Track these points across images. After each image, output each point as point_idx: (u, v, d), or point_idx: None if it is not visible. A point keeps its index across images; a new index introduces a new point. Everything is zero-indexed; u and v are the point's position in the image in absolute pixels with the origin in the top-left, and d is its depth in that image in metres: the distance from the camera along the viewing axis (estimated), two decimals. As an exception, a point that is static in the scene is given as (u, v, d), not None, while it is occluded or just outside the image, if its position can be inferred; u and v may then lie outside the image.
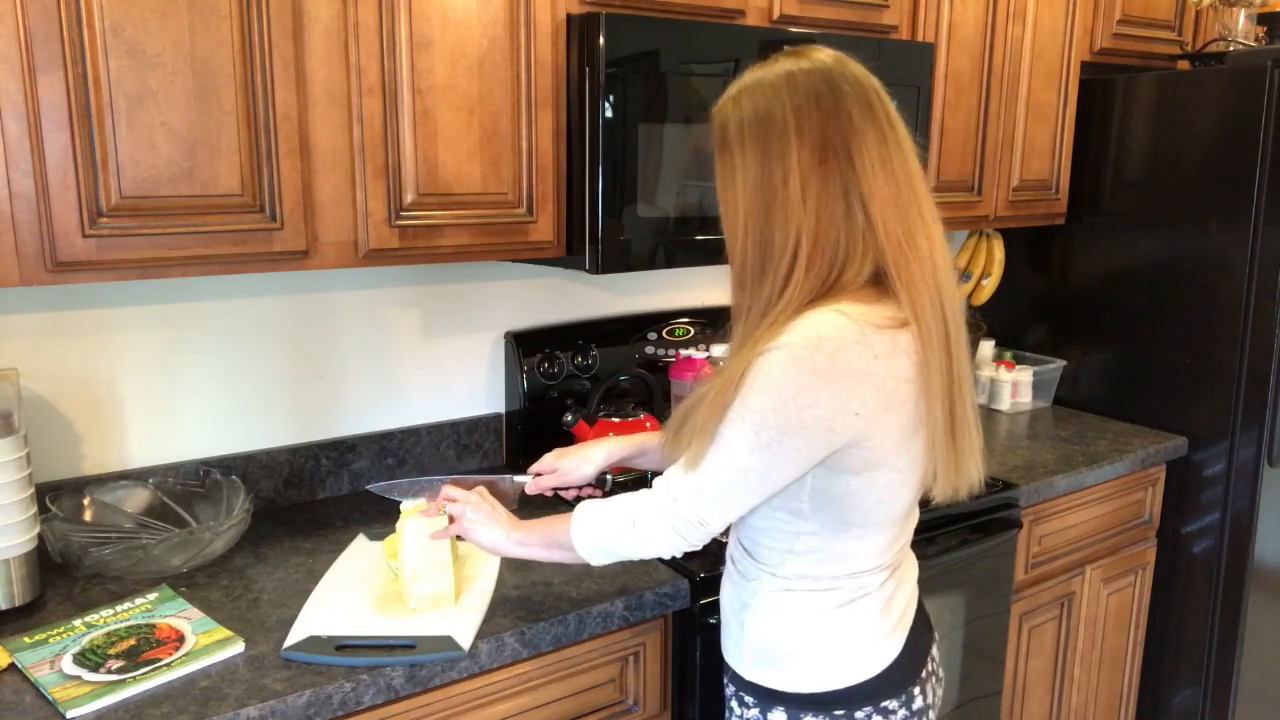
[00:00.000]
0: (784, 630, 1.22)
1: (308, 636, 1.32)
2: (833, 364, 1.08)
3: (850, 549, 1.20)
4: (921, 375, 1.13)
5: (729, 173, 1.17)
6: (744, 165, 1.15)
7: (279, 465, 1.81)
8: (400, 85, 1.48)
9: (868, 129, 1.13)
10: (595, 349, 2.06)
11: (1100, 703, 2.40)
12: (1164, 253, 2.35)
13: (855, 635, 1.22)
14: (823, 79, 1.14)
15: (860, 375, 1.10)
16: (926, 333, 1.13)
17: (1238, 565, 2.30)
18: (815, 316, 1.10)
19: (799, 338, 1.09)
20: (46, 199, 1.26)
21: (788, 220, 1.13)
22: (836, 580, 1.21)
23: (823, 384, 1.09)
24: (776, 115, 1.13)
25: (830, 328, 1.09)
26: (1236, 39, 2.48)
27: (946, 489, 1.21)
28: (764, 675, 1.25)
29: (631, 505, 1.22)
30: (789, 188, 1.12)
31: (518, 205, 1.63)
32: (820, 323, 1.10)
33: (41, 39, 1.22)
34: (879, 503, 1.18)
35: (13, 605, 1.37)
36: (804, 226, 1.12)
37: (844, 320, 1.10)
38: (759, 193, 1.14)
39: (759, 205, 1.14)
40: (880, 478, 1.16)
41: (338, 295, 1.84)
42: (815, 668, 1.22)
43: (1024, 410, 2.54)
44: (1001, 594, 2.03)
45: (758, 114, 1.14)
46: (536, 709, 1.44)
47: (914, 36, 2.07)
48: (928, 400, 1.14)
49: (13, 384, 1.42)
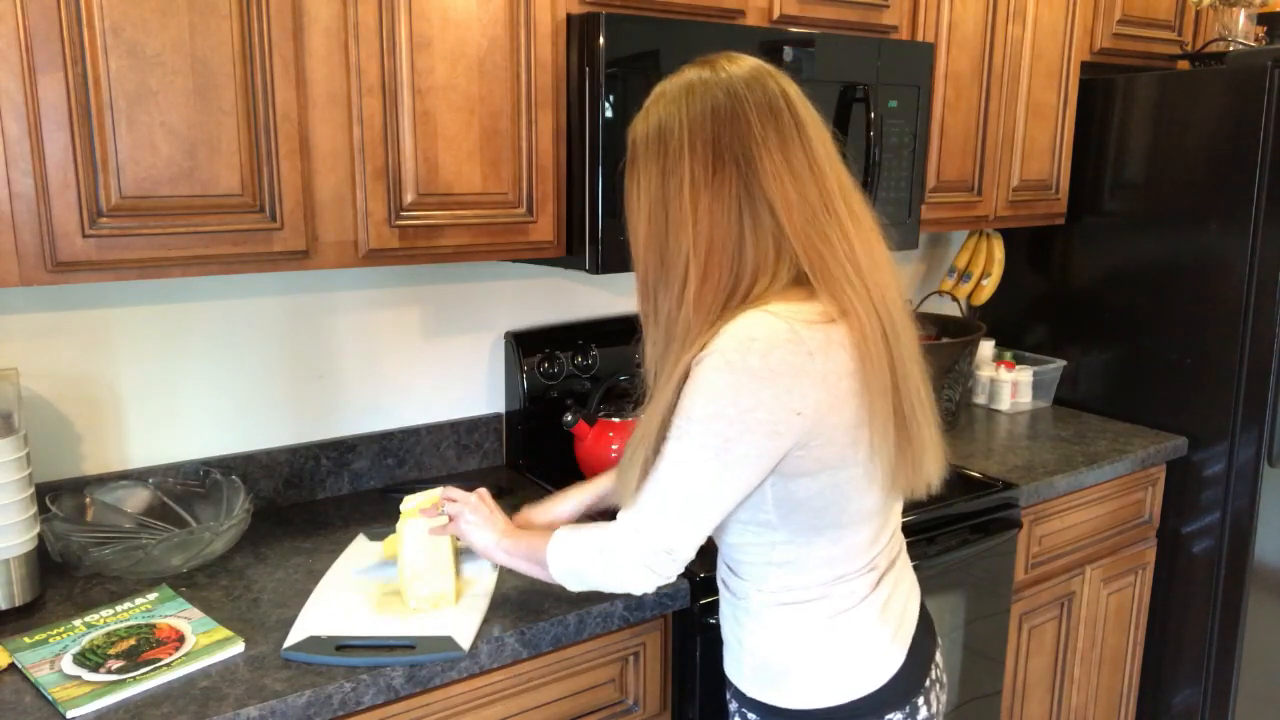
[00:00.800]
0: (780, 646, 1.21)
1: (308, 636, 1.32)
2: (766, 364, 1.07)
3: (828, 552, 1.19)
4: (859, 370, 1.12)
5: (632, 186, 1.19)
6: (645, 178, 1.17)
7: (279, 465, 1.81)
8: (400, 85, 1.48)
9: (769, 133, 1.12)
10: (595, 349, 2.06)
11: (1100, 703, 2.40)
12: (1164, 253, 2.35)
13: (854, 646, 1.21)
14: (723, 87, 1.14)
15: (797, 373, 1.08)
16: (859, 327, 1.11)
17: (1238, 565, 2.30)
18: (743, 319, 1.10)
19: (730, 341, 1.09)
20: (46, 199, 1.26)
21: (681, 230, 1.14)
22: (824, 587, 1.20)
23: (760, 385, 1.08)
24: (673, 127, 1.15)
25: (760, 328, 1.09)
26: (1236, 39, 2.48)
27: (903, 486, 1.20)
28: (764, 692, 1.24)
29: (601, 534, 1.21)
30: (682, 197, 1.13)
31: (518, 205, 1.63)
32: (750, 324, 1.09)
33: (41, 39, 1.22)
34: (845, 500, 1.16)
35: (13, 605, 1.37)
36: (697, 236, 1.13)
37: (772, 319, 1.09)
38: (657, 204, 1.16)
39: (657, 216, 1.16)
40: (841, 475, 1.14)
41: (338, 295, 1.84)
42: (815, 683, 1.21)
43: (1024, 410, 2.54)
44: (1001, 594, 2.03)
45: (660, 126, 1.16)
46: (536, 709, 1.44)
47: (914, 36, 2.07)
48: (869, 396, 1.12)
49: (13, 384, 1.42)
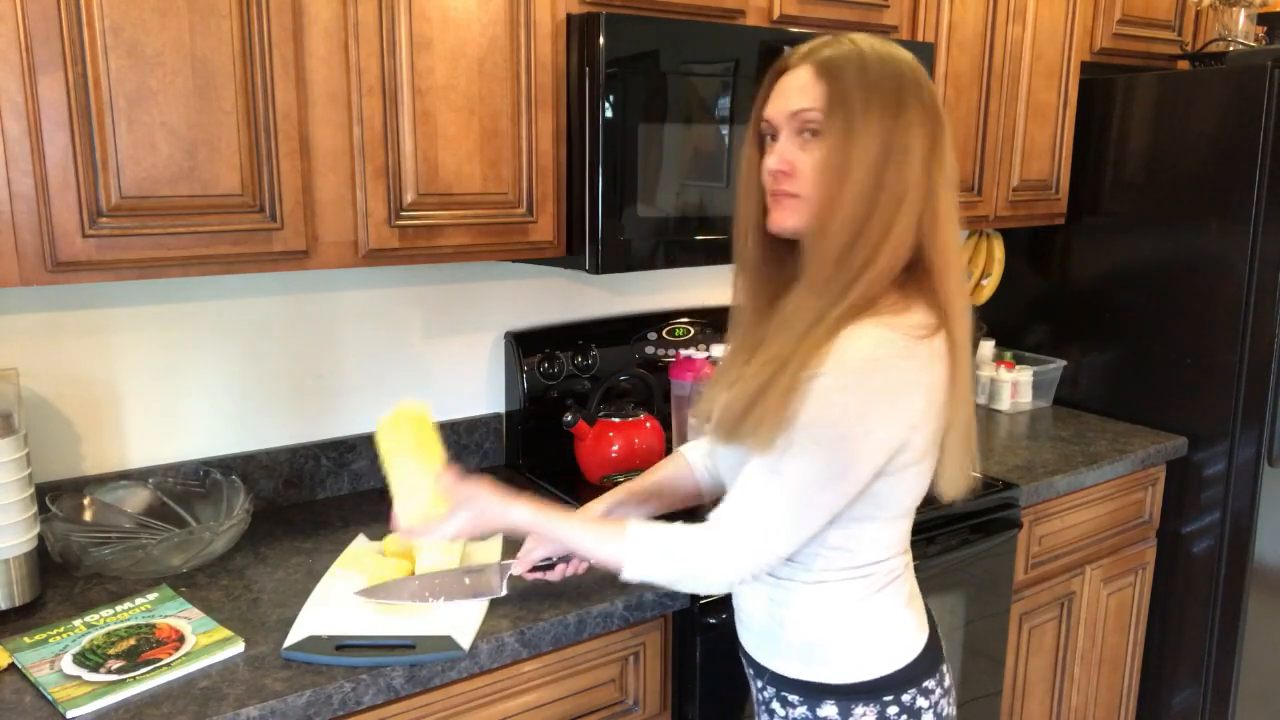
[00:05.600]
0: (826, 623, 1.22)
1: (308, 636, 1.32)
2: (888, 382, 1.09)
3: (877, 538, 1.21)
4: (951, 380, 1.14)
5: (846, 134, 1.10)
6: (864, 124, 1.10)
7: (279, 465, 1.81)
8: (400, 85, 1.48)
9: (946, 121, 1.14)
10: (595, 349, 2.06)
11: (1100, 703, 2.40)
12: (1164, 253, 2.35)
13: (892, 620, 1.24)
14: (918, 63, 1.15)
15: (911, 389, 1.11)
16: (960, 338, 1.14)
17: (1238, 565, 2.30)
18: (861, 333, 1.09)
19: (853, 360, 1.08)
20: (46, 199, 1.26)
21: (896, 200, 1.10)
22: (868, 568, 1.22)
23: (882, 404, 1.09)
24: (904, 86, 1.11)
25: (881, 346, 1.09)
26: (1236, 39, 2.48)
27: (962, 487, 1.23)
28: (810, 670, 1.24)
29: (706, 531, 1.16)
30: (906, 167, 1.10)
31: (518, 205, 1.63)
32: (868, 341, 1.09)
33: (41, 39, 1.22)
34: (905, 494, 1.20)
35: (13, 605, 1.37)
36: (904, 207, 1.10)
37: (891, 335, 1.09)
38: (876, 167, 1.09)
39: (869, 174, 1.09)
40: (909, 473, 1.18)
41: (338, 295, 1.84)
42: (862, 656, 1.22)
43: (1024, 410, 2.54)
44: (1001, 594, 2.03)
45: (895, 77, 1.11)
46: (536, 709, 1.44)
47: (914, 36, 2.07)
48: (955, 405, 1.15)
49: (13, 384, 1.42)
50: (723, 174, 1.76)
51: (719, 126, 1.74)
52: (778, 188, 1.16)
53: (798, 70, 1.15)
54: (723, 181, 1.76)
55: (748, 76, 1.73)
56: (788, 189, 1.15)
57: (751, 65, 1.74)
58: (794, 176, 1.14)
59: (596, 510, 1.43)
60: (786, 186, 1.15)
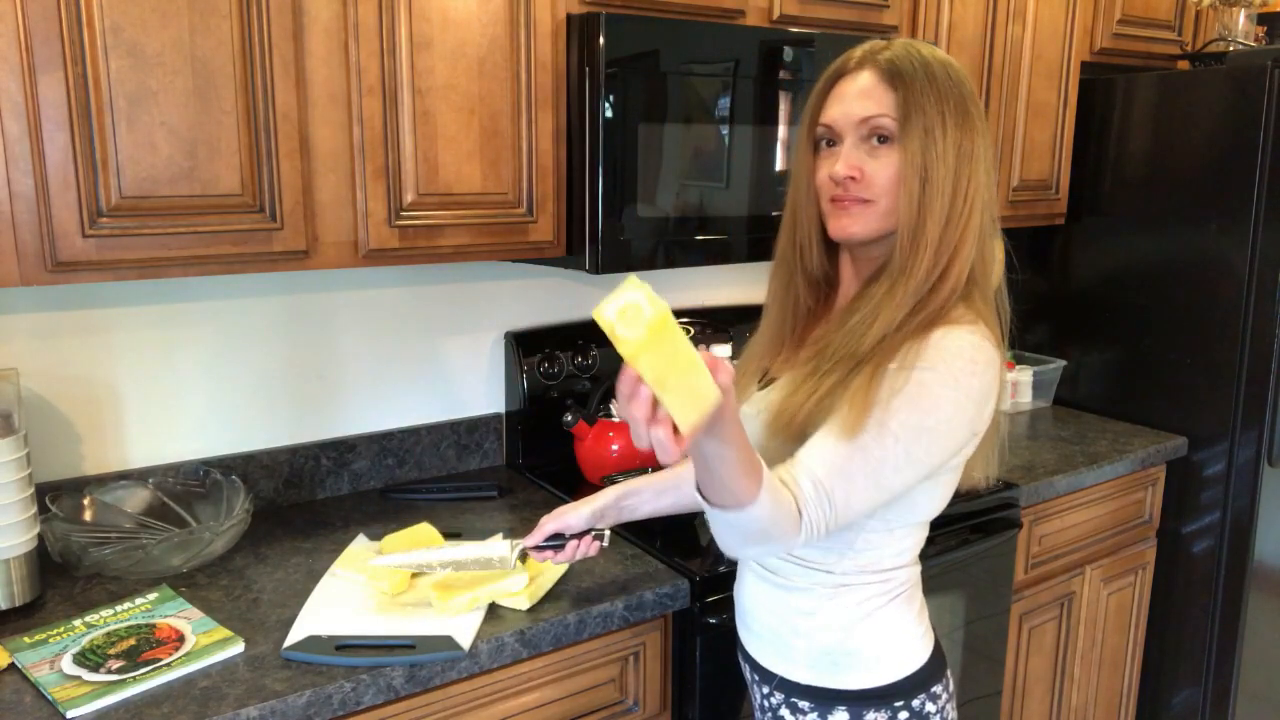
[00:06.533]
0: (845, 629, 1.22)
1: (307, 636, 1.32)
2: (980, 384, 1.11)
3: (901, 543, 1.22)
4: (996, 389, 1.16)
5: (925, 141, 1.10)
6: (942, 132, 1.10)
7: (279, 465, 1.81)
8: (400, 85, 1.48)
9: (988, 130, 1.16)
10: (595, 349, 2.06)
11: (1100, 703, 2.40)
12: (1164, 253, 2.35)
13: (906, 626, 1.24)
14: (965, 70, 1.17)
15: (991, 396, 1.13)
16: (1000, 344, 1.16)
17: (1238, 565, 2.30)
18: (959, 336, 1.10)
19: (956, 360, 1.09)
20: (46, 199, 1.26)
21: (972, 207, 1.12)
22: (888, 573, 1.22)
23: (972, 406, 1.11)
24: (966, 90, 1.13)
25: (978, 350, 1.10)
26: (1236, 39, 2.48)
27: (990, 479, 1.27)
28: (824, 677, 1.23)
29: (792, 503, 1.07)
30: (976, 176, 1.12)
31: (518, 205, 1.63)
32: (967, 344, 1.10)
33: (41, 39, 1.22)
34: (935, 500, 1.21)
35: (13, 605, 1.37)
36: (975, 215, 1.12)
37: (983, 343, 1.11)
38: (954, 175, 1.11)
39: (948, 181, 1.10)
40: (945, 480, 1.19)
41: (338, 295, 1.84)
42: (877, 662, 1.22)
43: (1024, 410, 2.54)
44: (1001, 594, 2.03)
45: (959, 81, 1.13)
46: (536, 709, 1.44)
47: (914, 36, 2.07)
48: (995, 413, 1.18)
49: (13, 384, 1.42)
50: (723, 174, 1.76)
51: (719, 126, 1.74)
52: (846, 194, 1.14)
53: (859, 74, 1.14)
54: (723, 181, 1.76)
55: (748, 76, 1.74)
56: (860, 195, 1.14)
57: (751, 65, 1.74)
58: (864, 182, 1.13)
59: (611, 495, 1.39)
60: (858, 192, 1.14)
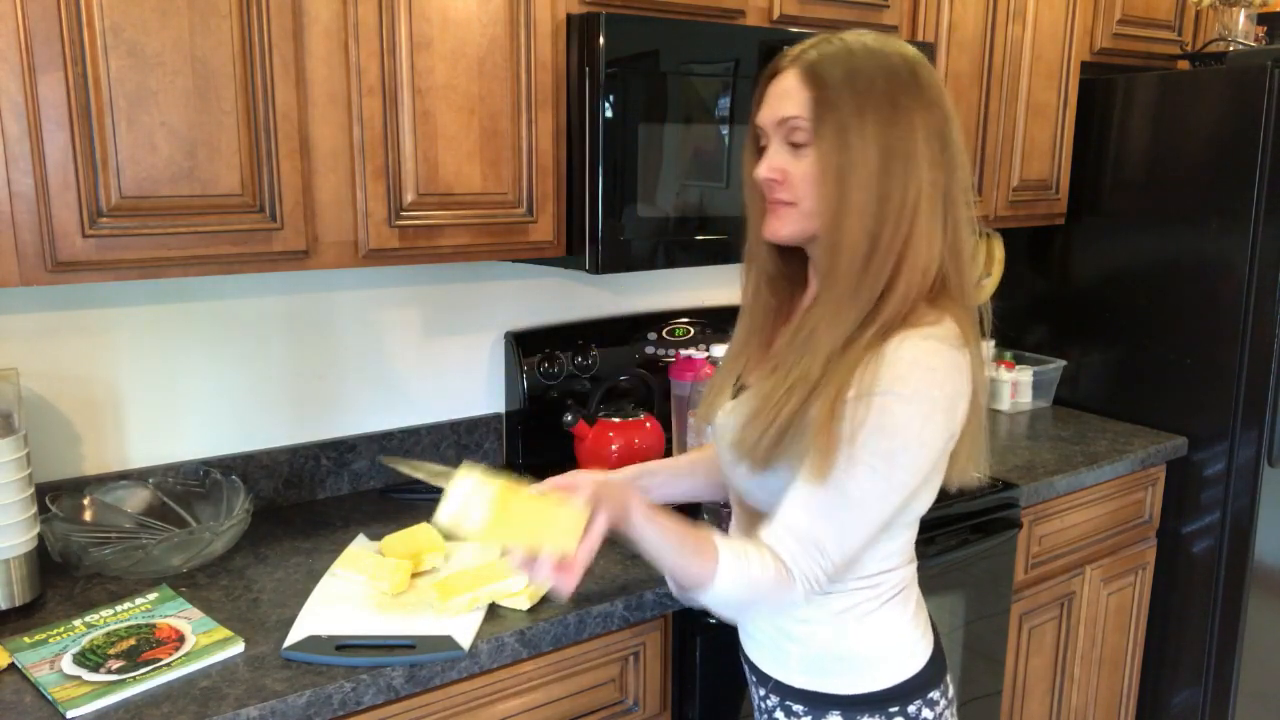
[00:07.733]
0: (835, 636, 1.21)
1: (308, 636, 1.32)
2: (945, 394, 1.09)
3: (888, 547, 1.21)
4: (972, 391, 1.14)
5: (839, 140, 1.06)
6: (860, 131, 1.06)
7: (279, 465, 1.81)
8: (400, 85, 1.48)
9: (956, 117, 1.11)
10: (595, 349, 2.06)
11: (1100, 703, 2.40)
12: (1164, 253, 2.35)
13: (899, 631, 1.23)
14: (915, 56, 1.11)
15: (960, 399, 1.11)
16: (978, 346, 1.13)
17: (1238, 565, 2.30)
18: (912, 346, 1.07)
19: (911, 374, 1.06)
20: (46, 199, 1.26)
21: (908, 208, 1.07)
22: (875, 578, 1.21)
23: (940, 415, 1.09)
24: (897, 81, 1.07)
25: (934, 357, 1.08)
26: (1236, 39, 2.48)
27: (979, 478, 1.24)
28: (817, 681, 1.23)
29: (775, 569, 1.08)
30: (914, 173, 1.07)
31: (518, 205, 1.63)
32: (921, 353, 1.07)
33: (41, 39, 1.22)
34: (920, 503, 1.19)
35: (13, 605, 1.37)
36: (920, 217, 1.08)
37: (940, 346, 1.08)
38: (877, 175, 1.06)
39: (871, 181, 1.06)
40: (933, 482, 1.18)
41: (338, 295, 1.84)
42: (869, 667, 1.22)
43: (1024, 410, 2.54)
44: (1001, 594, 2.03)
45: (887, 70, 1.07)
46: (536, 709, 1.44)
47: (914, 36, 2.07)
48: (974, 416, 1.15)
49: (13, 384, 1.42)
50: (723, 174, 1.76)
51: (719, 126, 1.74)
52: (771, 196, 1.14)
53: (785, 75, 1.12)
54: (723, 181, 1.76)
55: (747, 76, 1.74)
56: (782, 197, 1.13)
57: (751, 65, 1.74)
58: (786, 184, 1.12)
59: (628, 474, 1.35)
60: (781, 195, 1.13)
